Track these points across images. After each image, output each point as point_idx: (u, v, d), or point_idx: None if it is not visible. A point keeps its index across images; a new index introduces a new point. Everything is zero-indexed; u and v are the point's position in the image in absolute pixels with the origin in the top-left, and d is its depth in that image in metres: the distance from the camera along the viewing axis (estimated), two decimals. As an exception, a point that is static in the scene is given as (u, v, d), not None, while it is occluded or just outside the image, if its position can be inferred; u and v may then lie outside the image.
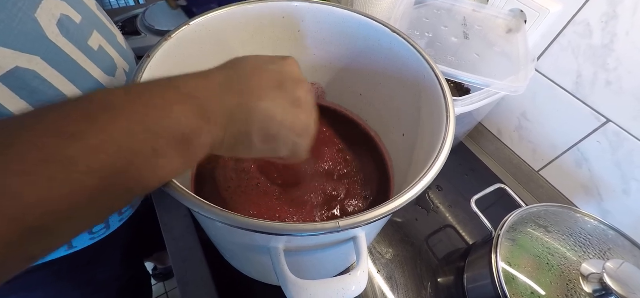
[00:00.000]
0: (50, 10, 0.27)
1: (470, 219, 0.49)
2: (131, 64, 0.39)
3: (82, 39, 0.30)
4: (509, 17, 0.49)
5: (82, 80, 0.30)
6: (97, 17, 0.33)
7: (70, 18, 0.29)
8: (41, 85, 0.27)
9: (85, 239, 0.39)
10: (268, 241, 0.24)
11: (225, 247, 0.35)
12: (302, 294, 0.22)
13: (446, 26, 0.49)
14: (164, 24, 0.64)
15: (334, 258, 0.31)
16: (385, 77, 0.40)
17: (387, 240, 0.46)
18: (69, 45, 0.29)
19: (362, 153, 0.43)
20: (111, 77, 0.34)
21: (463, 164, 0.58)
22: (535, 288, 0.34)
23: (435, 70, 0.32)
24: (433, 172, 0.25)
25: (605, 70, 0.43)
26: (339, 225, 0.21)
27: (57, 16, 0.27)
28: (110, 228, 0.41)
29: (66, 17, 0.28)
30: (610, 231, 0.38)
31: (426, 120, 0.34)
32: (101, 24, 0.34)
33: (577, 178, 0.51)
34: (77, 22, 0.30)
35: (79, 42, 0.30)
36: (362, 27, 0.38)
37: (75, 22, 0.29)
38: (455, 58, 0.45)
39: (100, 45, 0.32)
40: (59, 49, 0.28)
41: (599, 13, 0.41)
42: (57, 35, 0.27)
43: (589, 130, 0.47)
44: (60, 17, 0.28)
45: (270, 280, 0.38)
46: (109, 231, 0.41)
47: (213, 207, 0.21)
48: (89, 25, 0.31)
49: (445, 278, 0.44)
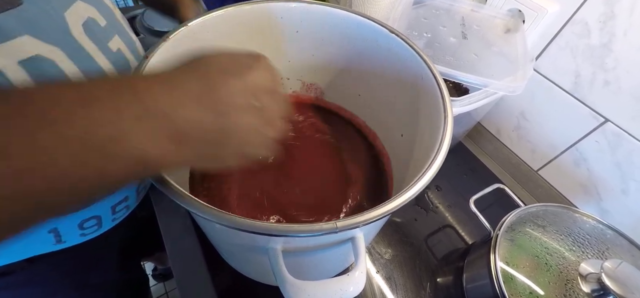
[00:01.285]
0: (79, 12, 0.29)
1: (469, 219, 0.49)
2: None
3: (103, 39, 0.32)
4: (507, 17, 0.49)
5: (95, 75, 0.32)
6: (121, 24, 0.36)
7: (96, 21, 0.31)
8: (58, 74, 0.28)
9: (75, 235, 0.38)
10: (266, 242, 0.24)
11: (224, 247, 0.35)
12: (300, 295, 0.22)
13: (444, 26, 0.49)
14: (163, 24, 0.64)
15: (333, 258, 0.31)
16: (383, 77, 0.40)
17: (386, 240, 0.46)
18: (90, 43, 0.31)
19: (361, 153, 0.43)
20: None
21: (462, 164, 0.58)
22: (533, 288, 0.34)
23: (433, 70, 0.32)
24: (431, 173, 0.25)
25: (603, 70, 0.43)
26: (336, 225, 0.21)
27: (85, 17, 0.30)
28: (103, 227, 0.40)
29: (92, 20, 0.31)
30: (608, 231, 0.38)
31: (424, 120, 0.34)
32: (123, 30, 0.36)
33: (576, 178, 0.51)
34: (101, 25, 0.32)
35: (100, 42, 0.32)
36: (361, 27, 0.38)
37: (100, 25, 0.32)
38: (454, 58, 0.45)
39: (119, 48, 0.35)
40: (80, 45, 0.30)
41: (597, 13, 0.42)
42: (81, 33, 0.30)
43: (588, 129, 0.47)
44: (87, 19, 0.30)
45: (269, 281, 0.38)
46: (101, 229, 0.40)
47: (211, 209, 0.21)
48: (112, 30, 0.34)
49: (444, 278, 0.44)
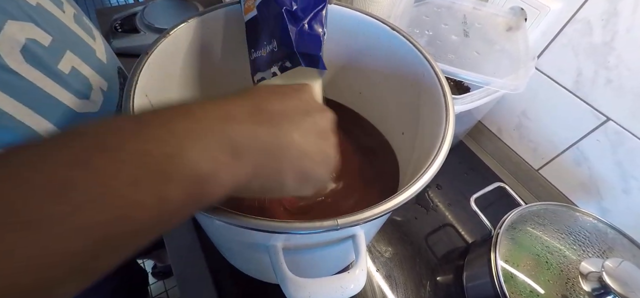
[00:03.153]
0: (13, 35, 0.24)
1: (470, 218, 0.49)
2: (111, 79, 0.36)
3: (50, 63, 0.27)
4: (509, 15, 0.49)
5: (50, 109, 0.27)
6: (73, 32, 0.30)
7: (38, 41, 0.26)
8: (2, 119, 0.24)
9: None
10: (267, 239, 0.24)
11: (224, 245, 0.35)
12: (300, 292, 0.22)
13: (446, 24, 0.49)
14: (163, 21, 0.64)
15: (333, 256, 0.31)
16: (384, 75, 0.40)
17: (387, 238, 0.46)
18: (34, 71, 0.26)
19: (363, 150, 0.43)
20: (84, 99, 0.31)
21: (463, 163, 0.58)
22: (534, 286, 0.34)
23: (434, 68, 0.32)
24: (431, 171, 0.24)
25: (605, 68, 0.43)
26: (337, 223, 0.21)
27: (22, 42, 0.24)
28: None
29: (32, 42, 0.25)
30: (609, 230, 0.38)
31: (426, 119, 0.34)
32: (76, 40, 0.31)
33: (577, 177, 0.51)
34: (45, 44, 0.27)
35: (46, 67, 0.27)
36: (362, 24, 0.38)
37: (43, 46, 0.26)
38: (455, 56, 0.45)
39: (73, 66, 0.29)
40: (21, 77, 0.25)
41: (600, 10, 0.41)
42: (20, 63, 0.24)
43: (589, 128, 0.47)
44: (25, 42, 0.25)
45: (269, 278, 0.38)
46: None
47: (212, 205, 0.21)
48: (61, 46, 0.28)
49: (444, 276, 0.44)
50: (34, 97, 0.26)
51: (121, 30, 0.64)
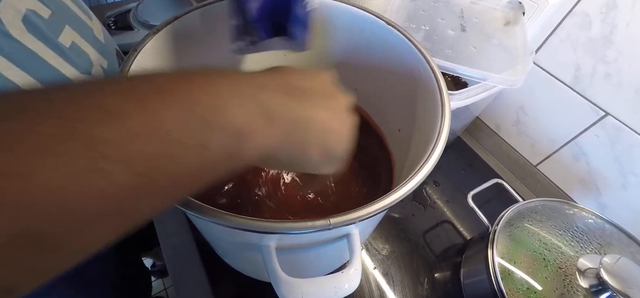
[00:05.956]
0: (14, 4, 0.24)
1: (467, 214, 0.49)
2: (110, 59, 0.36)
3: (52, 35, 0.27)
4: (507, 9, 0.48)
5: (55, 80, 0.29)
6: (70, 9, 0.31)
7: (37, 13, 0.26)
8: (7, 86, 0.24)
9: None
10: (259, 239, 0.23)
11: (218, 244, 0.35)
12: (293, 292, 0.22)
13: (443, 18, 0.48)
14: (158, 18, 0.63)
15: (327, 256, 0.31)
16: (380, 71, 0.39)
17: (384, 235, 0.45)
18: (37, 42, 0.26)
19: (359, 148, 0.43)
20: (87, 75, 0.32)
21: (460, 159, 0.57)
22: (531, 283, 0.34)
23: (430, 63, 0.32)
24: (427, 168, 0.24)
25: (604, 63, 0.42)
26: (330, 222, 0.21)
27: (23, 11, 0.25)
28: None
29: (32, 12, 0.26)
30: (607, 226, 0.38)
31: (422, 115, 0.33)
32: (74, 17, 0.31)
33: (575, 173, 0.51)
34: (45, 17, 0.27)
35: (48, 39, 0.27)
36: (357, 19, 0.37)
37: (43, 17, 0.27)
38: (452, 51, 0.44)
39: (73, 42, 0.30)
40: (25, 46, 0.25)
41: (599, 4, 0.41)
42: (22, 32, 0.25)
43: (588, 123, 0.47)
44: (26, 12, 0.25)
45: (263, 277, 0.38)
46: None
47: (202, 206, 0.20)
48: (60, 20, 0.28)
49: (441, 273, 0.44)
50: (38, 68, 0.26)
51: (115, 27, 0.63)
